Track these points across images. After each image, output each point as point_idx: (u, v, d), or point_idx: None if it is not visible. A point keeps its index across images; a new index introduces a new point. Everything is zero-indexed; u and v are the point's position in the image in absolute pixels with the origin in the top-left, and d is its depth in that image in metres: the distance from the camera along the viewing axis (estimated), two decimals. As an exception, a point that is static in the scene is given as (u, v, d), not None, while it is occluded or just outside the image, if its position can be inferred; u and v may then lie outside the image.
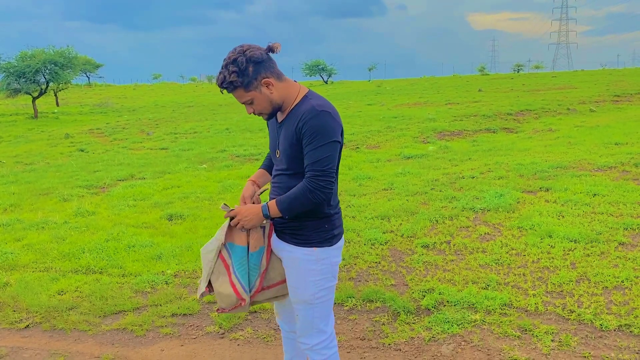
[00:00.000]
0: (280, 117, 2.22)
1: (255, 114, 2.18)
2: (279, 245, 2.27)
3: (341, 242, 2.28)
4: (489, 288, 3.90)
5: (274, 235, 2.31)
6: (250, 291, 2.23)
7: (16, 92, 23.66)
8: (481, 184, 6.93)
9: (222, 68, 2.07)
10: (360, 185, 7.47)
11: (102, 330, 3.64)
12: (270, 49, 2.11)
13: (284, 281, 2.29)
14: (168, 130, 16.34)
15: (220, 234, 2.23)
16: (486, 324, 3.43)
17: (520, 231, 5.08)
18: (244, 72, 2.04)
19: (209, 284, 2.27)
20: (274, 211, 2.12)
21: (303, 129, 2.05)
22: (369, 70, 66.13)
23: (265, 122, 2.36)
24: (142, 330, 3.61)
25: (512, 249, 4.66)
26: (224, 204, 2.25)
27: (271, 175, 2.41)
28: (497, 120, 14.52)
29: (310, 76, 51.50)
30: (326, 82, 50.51)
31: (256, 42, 2.15)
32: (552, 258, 4.40)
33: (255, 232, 2.22)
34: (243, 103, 2.14)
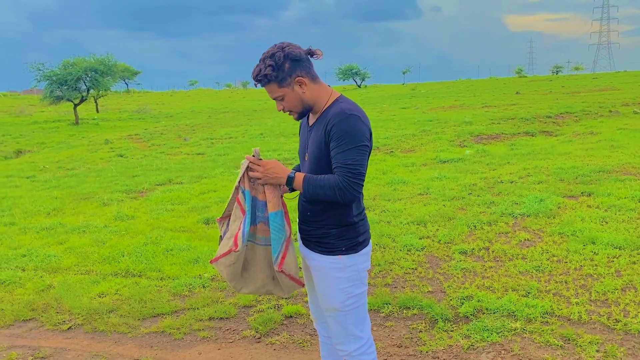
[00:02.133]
0: (311, 120, 2.22)
1: (284, 112, 2.16)
2: (305, 252, 2.28)
3: (368, 248, 2.25)
4: (530, 296, 3.80)
5: (301, 242, 2.29)
6: (277, 259, 2.16)
7: (59, 99, 24.44)
8: (520, 189, 6.78)
9: (259, 61, 2.06)
10: (395, 190, 7.40)
11: (141, 333, 3.70)
12: (310, 52, 2.11)
13: (298, 282, 2.25)
14: (204, 135, 16.58)
15: (239, 176, 2.19)
16: (527, 332, 3.34)
17: (561, 237, 4.95)
18: (280, 67, 2.03)
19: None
20: (298, 184, 2.09)
21: (332, 131, 2.03)
22: (403, 73, 65.76)
23: (299, 128, 2.36)
24: (180, 333, 3.65)
25: (553, 256, 4.53)
26: (258, 149, 2.19)
27: None
28: (536, 123, 14.20)
29: (344, 80, 51.46)
30: (359, 86, 50.42)
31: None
32: (596, 265, 4.26)
33: (273, 190, 2.16)
34: (274, 99, 2.13)
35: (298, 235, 2.33)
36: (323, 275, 2.20)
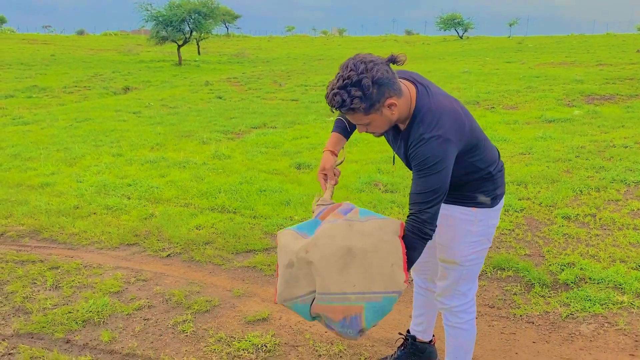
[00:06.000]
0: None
1: (367, 132, 1.94)
2: None
3: (501, 203, 2.13)
4: (640, 269, 3.51)
5: None
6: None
7: (164, 39, 25.42)
8: (635, 155, 6.22)
9: (339, 88, 1.76)
10: (494, 147, 7.05)
11: (234, 266, 3.84)
12: (393, 60, 1.81)
13: None
14: (299, 82, 16.64)
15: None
16: (635, 307, 3.09)
17: (681, 210, 4.49)
18: (369, 96, 1.75)
19: None
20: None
21: (412, 154, 1.86)
22: (510, 25, 61.64)
23: None
24: (270, 270, 3.75)
25: (671, 229, 4.13)
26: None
27: (346, 137, 2.22)
28: (658, 85, 12.87)
29: (445, 30, 49.25)
30: (461, 37, 48.12)
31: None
32: None
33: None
34: (357, 124, 1.89)
35: None
36: (451, 226, 2.08)
